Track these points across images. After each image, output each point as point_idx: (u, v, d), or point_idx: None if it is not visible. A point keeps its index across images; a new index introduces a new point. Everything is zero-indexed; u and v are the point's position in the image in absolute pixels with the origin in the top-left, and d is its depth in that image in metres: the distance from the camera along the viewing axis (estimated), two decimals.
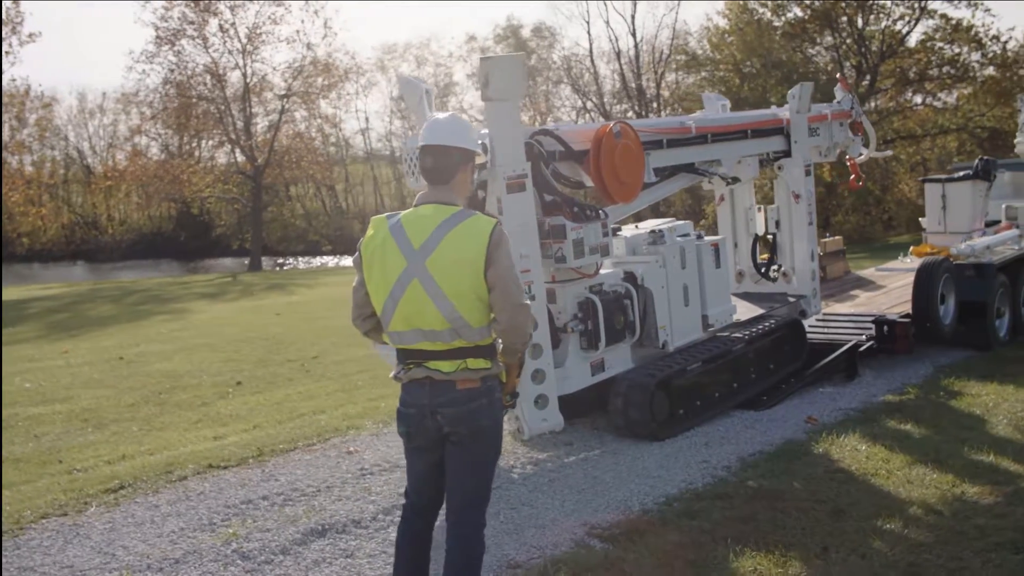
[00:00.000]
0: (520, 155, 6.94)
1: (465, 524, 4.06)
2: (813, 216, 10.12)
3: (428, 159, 4.01)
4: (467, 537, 4.05)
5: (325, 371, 12.33)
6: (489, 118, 6.87)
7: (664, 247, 8.20)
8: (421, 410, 3.97)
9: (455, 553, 4.02)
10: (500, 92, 6.74)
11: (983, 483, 6.07)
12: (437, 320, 3.85)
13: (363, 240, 4.05)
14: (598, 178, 7.59)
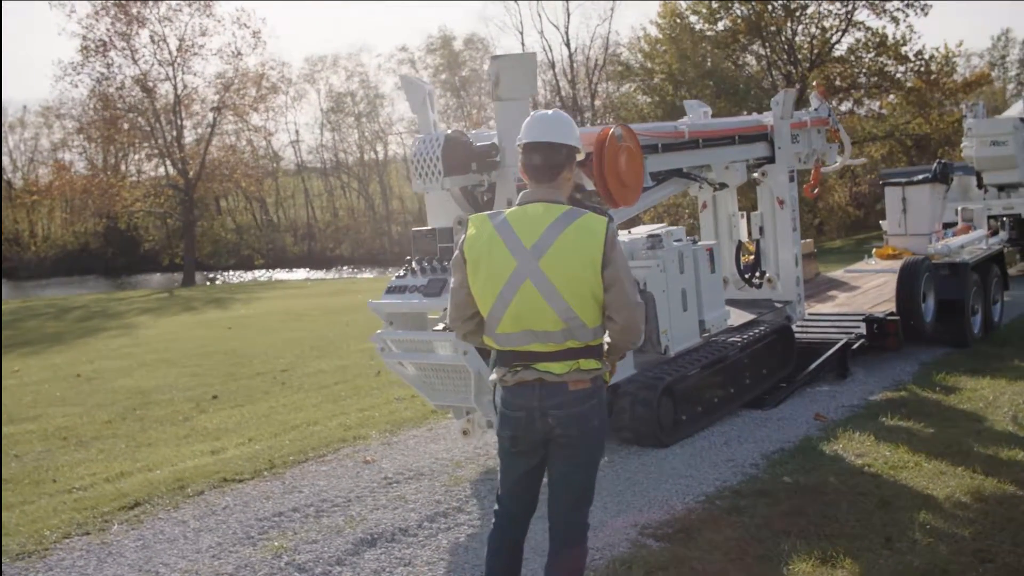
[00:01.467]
0: None
1: (574, 526, 4.00)
2: (797, 222, 10.24)
3: (536, 156, 3.93)
4: (576, 540, 3.99)
5: (301, 383, 12.13)
6: (499, 118, 6.75)
7: (663, 251, 8.15)
8: (530, 413, 3.87)
9: (562, 557, 3.96)
10: (510, 91, 6.62)
11: (1013, 472, 6.19)
12: (552, 321, 3.78)
13: (464, 240, 3.95)
14: (601, 181, 7.47)
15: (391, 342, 6.69)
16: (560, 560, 3.96)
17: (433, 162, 6.53)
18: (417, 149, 6.70)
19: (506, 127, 6.61)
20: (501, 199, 6.76)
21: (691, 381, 7.85)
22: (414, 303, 6.51)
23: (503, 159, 6.66)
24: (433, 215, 7.21)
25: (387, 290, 6.73)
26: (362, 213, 58.84)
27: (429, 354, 6.54)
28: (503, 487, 4.14)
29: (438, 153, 6.49)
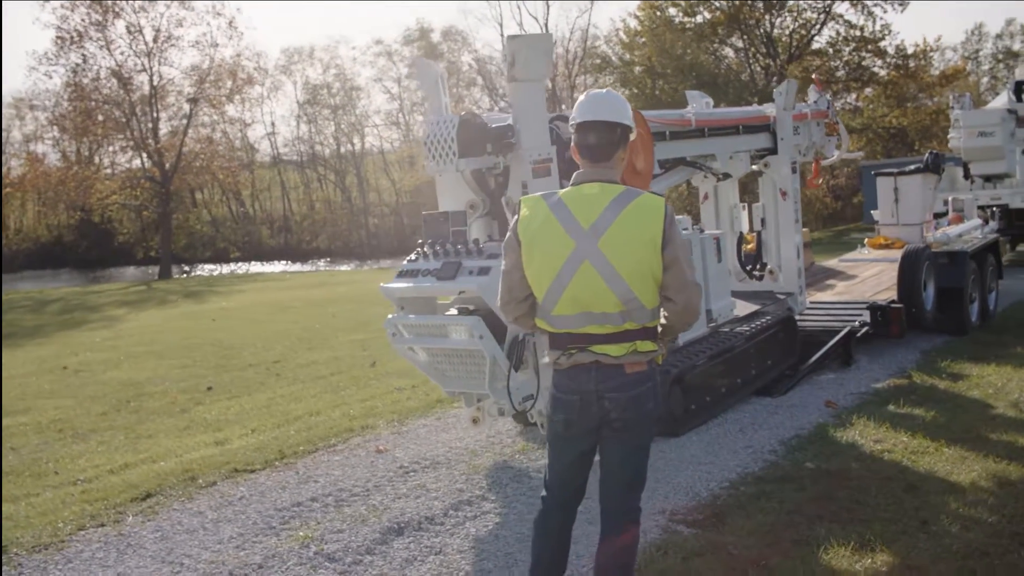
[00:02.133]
0: (545, 138, 6.68)
1: (627, 510, 3.95)
2: (799, 213, 10.20)
3: (591, 136, 3.86)
4: (629, 524, 3.94)
5: (296, 374, 12.01)
6: (514, 99, 6.60)
7: None
8: (586, 396, 3.81)
9: (615, 541, 3.90)
10: (527, 72, 6.45)
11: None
12: (610, 302, 3.71)
13: (517, 221, 3.88)
14: None
15: (402, 327, 6.54)
16: (613, 544, 3.91)
17: (448, 144, 6.40)
18: (431, 131, 6.56)
19: (522, 108, 6.50)
20: (516, 182, 6.62)
21: (700, 371, 7.77)
22: (427, 287, 6.35)
23: (519, 141, 6.52)
24: (444, 198, 7.08)
25: (399, 274, 6.56)
26: (339, 205, 58.53)
27: (443, 339, 6.39)
28: (553, 472, 4.07)
29: (453, 135, 6.36)
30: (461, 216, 6.77)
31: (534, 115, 6.56)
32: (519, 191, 6.52)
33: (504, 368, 5.95)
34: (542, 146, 6.57)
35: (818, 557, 4.79)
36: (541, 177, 6.52)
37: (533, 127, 6.53)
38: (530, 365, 6.15)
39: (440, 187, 7.11)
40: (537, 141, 6.53)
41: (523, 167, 6.48)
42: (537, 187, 6.36)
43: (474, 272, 6.05)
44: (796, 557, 4.79)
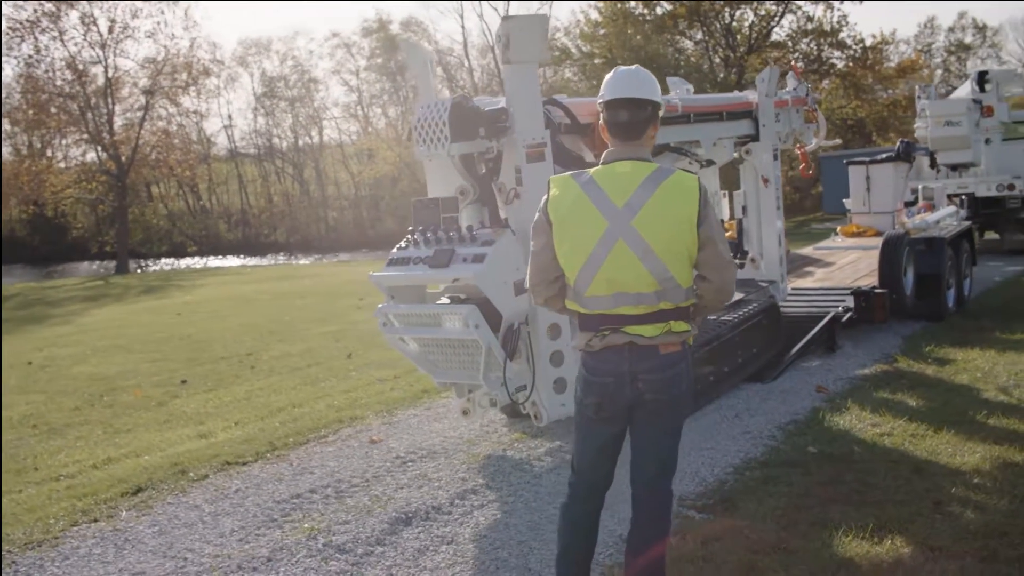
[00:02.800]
0: (539, 122, 6.49)
1: (662, 493, 3.88)
2: (780, 201, 10.19)
3: (623, 113, 3.77)
4: (663, 506, 3.88)
5: (271, 367, 11.84)
6: (508, 82, 6.39)
7: None
8: (619, 378, 3.73)
9: (650, 526, 3.83)
10: (520, 54, 6.24)
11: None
12: (646, 282, 3.64)
13: (547, 201, 3.79)
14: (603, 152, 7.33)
15: (393, 316, 6.35)
16: (646, 530, 3.84)
17: (439, 127, 6.23)
18: (422, 114, 6.39)
19: (515, 91, 6.31)
20: (508, 167, 6.43)
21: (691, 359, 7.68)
22: (420, 275, 6.20)
23: (512, 124, 6.33)
24: (434, 184, 6.92)
25: (389, 262, 6.40)
26: (297, 199, 57.98)
27: (435, 329, 6.21)
28: (581, 457, 3.99)
29: (445, 118, 6.19)
30: (452, 202, 6.60)
31: (528, 98, 6.38)
32: (512, 176, 6.38)
33: (499, 358, 5.84)
34: (536, 130, 6.38)
35: (837, 540, 4.76)
36: (535, 162, 6.34)
37: (527, 110, 6.34)
38: (522, 355, 6.07)
39: (429, 173, 6.97)
40: (531, 125, 6.35)
41: (517, 151, 6.31)
42: (531, 172, 6.25)
43: (468, 260, 5.90)
44: (815, 540, 4.76)
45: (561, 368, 6.27)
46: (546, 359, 6.18)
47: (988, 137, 18.03)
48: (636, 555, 3.85)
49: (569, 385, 6.30)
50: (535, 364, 6.15)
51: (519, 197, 6.21)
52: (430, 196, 6.82)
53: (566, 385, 6.28)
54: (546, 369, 6.20)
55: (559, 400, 6.25)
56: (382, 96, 57.22)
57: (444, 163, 6.66)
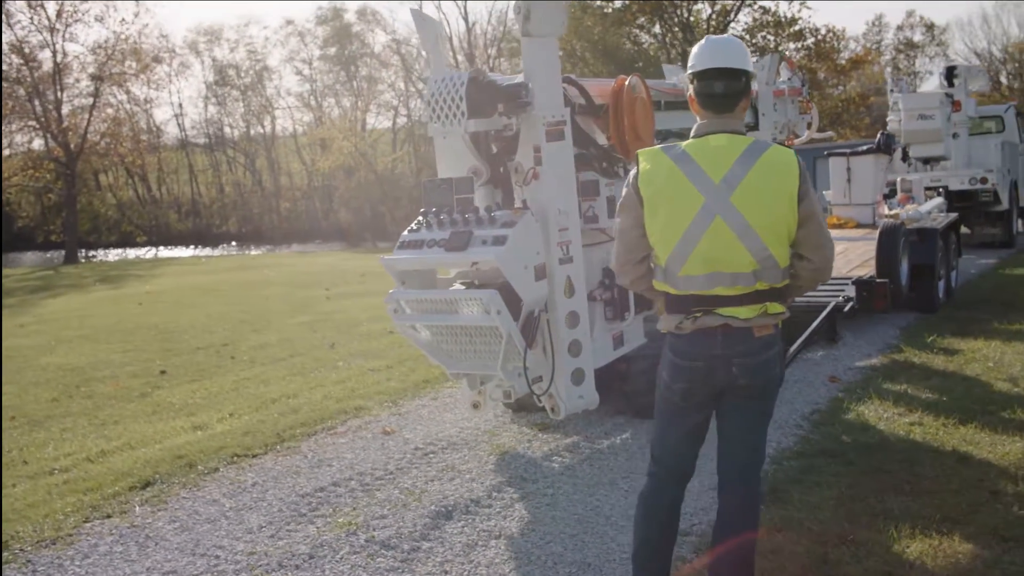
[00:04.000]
0: (559, 99, 6.15)
1: (753, 483, 3.72)
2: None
3: (719, 84, 3.56)
4: (754, 496, 3.71)
5: (252, 357, 11.51)
6: (528, 56, 5.95)
7: None
8: (711, 362, 3.55)
9: (740, 517, 3.66)
10: (541, 27, 5.82)
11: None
12: (744, 261, 3.45)
13: (636, 176, 3.57)
14: (618, 135, 7.04)
15: (405, 303, 5.99)
16: (736, 521, 3.67)
17: (455, 103, 5.88)
18: (435, 89, 6.01)
19: (536, 66, 5.95)
20: (526, 145, 6.05)
21: None
22: (436, 258, 5.85)
23: (532, 101, 5.94)
24: (445, 164, 6.60)
25: (399, 245, 6.04)
26: (249, 189, 57.07)
27: (452, 316, 5.86)
28: (663, 445, 3.81)
29: (462, 93, 5.84)
30: (467, 182, 6.26)
31: (549, 73, 6.03)
32: (530, 156, 6.03)
33: (519, 347, 5.58)
34: (556, 107, 6.03)
35: (904, 531, 4.62)
36: (555, 140, 6.00)
37: (548, 86, 5.99)
38: (539, 345, 5.83)
39: (440, 152, 6.63)
40: (552, 102, 6.00)
41: (536, 129, 5.95)
42: (551, 151, 5.93)
43: (488, 242, 5.58)
44: (882, 532, 4.62)
45: (580, 358, 6.02)
46: (564, 349, 5.93)
47: (956, 132, 18.17)
48: (725, 547, 3.68)
49: (587, 376, 6.09)
50: (554, 354, 5.92)
51: (538, 178, 5.92)
52: (440, 176, 6.52)
53: (584, 376, 6.04)
54: (564, 359, 5.95)
55: (577, 392, 6.01)
56: (336, 86, 56.51)
57: (456, 142, 6.37)
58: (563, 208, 5.95)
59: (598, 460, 6.09)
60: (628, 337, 6.91)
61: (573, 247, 5.99)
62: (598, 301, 6.55)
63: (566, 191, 6.05)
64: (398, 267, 6.05)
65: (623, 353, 6.86)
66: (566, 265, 5.92)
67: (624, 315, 6.66)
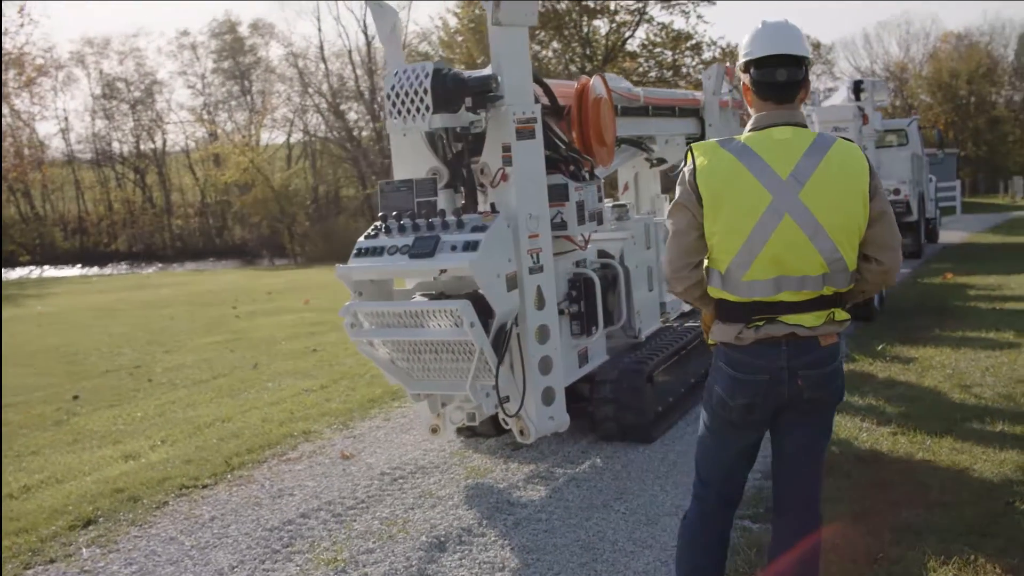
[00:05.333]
0: (530, 94, 5.66)
1: (813, 504, 3.41)
2: None
3: (781, 71, 3.25)
4: (816, 522, 3.40)
5: (170, 379, 10.89)
6: (498, 46, 5.53)
7: (631, 223, 7.52)
8: (776, 375, 3.23)
9: (801, 540, 3.35)
10: (512, 15, 5.46)
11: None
12: (814, 263, 3.15)
13: (692, 172, 3.23)
14: (582, 138, 6.53)
15: (364, 315, 5.47)
16: (798, 544, 3.35)
17: (419, 97, 5.39)
18: (396, 82, 5.50)
19: (506, 57, 5.52)
20: (494, 144, 5.55)
21: (664, 369, 7.12)
22: (399, 266, 5.31)
23: (502, 94, 5.52)
24: (402, 165, 6.01)
25: (356, 253, 5.47)
26: (139, 206, 55.05)
27: (417, 330, 5.35)
28: (713, 466, 3.48)
29: (426, 85, 5.34)
30: (429, 185, 5.80)
31: (519, 66, 5.63)
32: (498, 155, 5.57)
33: (491, 363, 5.17)
34: (527, 103, 5.61)
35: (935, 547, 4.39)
36: (526, 139, 5.59)
37: (518, 80, 5.57)
38: (505, 361, 5.43)
39: (397, 151, 6.04)
40: (522, 97, 5.59)
41: (506, 126, 5.49)
42: (521, 151, 5.52)
43: (458, 247, 5.13)
44: (913, 548, 4.38)
45: (550, 376, 5.62)
46: (535, 366, 5.53)
47: (864, 144, 18.50)
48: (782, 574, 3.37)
49: (557, 395, 5.69)
50: (524, 371, 5.51)
51: (506, 179, 5.51)
52: (397, 178, 5.98)
53: (554, 396, 5.65)
54: (535, 377, 5.54)
55: (547, 412, 5.60)
56: (230, 100, 55.02)
57: (416, 140, 5.88)
58: (534, 213, 5.57)
59: (584, 483, 5.74)
60: (592, 354, 6.56)
61: (544, 255, 5.62)
62: (564, 315, 6.16)
63: (537, 194, 5.67)
64: (354, 276, 5.51)
65: (588, 371, 6.50)
66: (536, 275, 5.55)
67: (592, 330, 6.26)
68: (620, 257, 7.07)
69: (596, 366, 6.58)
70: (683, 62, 40.95)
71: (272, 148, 52.83)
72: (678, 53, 40.70)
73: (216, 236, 53.82)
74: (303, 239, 46.03)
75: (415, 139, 5.84)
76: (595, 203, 6.34)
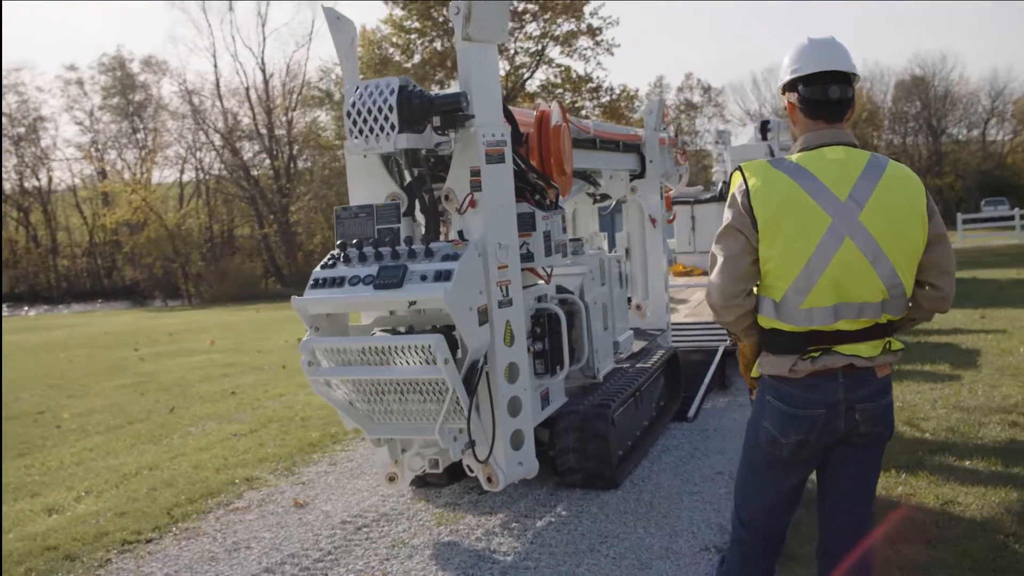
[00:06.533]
0: (499, 115, 5.34)
1: (868, 544, 3.22)
2: (667, 244, 9.70)
3: (834, 89, 3.11)
4: (869, 565, 3.21)
5: (81, 426, 10.27)
6: (467, 64, 5.17)
7: (586, 258, 7.21)
8: (833, 409, 3.04)
9: None
10: (483, 31, 5.13)
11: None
12: (875, 289, 2.99)
13: (745, 194, 3.04)
14: (543, 166, 6.16)
15: (322, 353, 4.96)
16: None
17: (383, 114, 4.95)
18: (358, 98, 5.06)
19: (475, 75, 5.17)
20: (461, 168, 5.15)
21: (623, 410, 6.77)
22: (363, 298, 4.84)
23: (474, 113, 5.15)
24: (359, 189, 5.57)
25: (313, 284, 5.00)
26: (23, 246, 52.81)
27: (381, 368, 4.89)
28: (756, 508, 3.28)
29: (392, 102, 4.92)
30: (391, 211, 5.33)
31: (489, 85, 5.26)
32: (465, 180, 5.13)
33: (464, 404, 4.74)
34: (497, 124, 5.27)
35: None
36: (495, 163, 5.20)
37: (488, 100, 5.23)
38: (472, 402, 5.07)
39: (354, 175, 5.60)
40: (493, 117, 5.26)
41: (475, 149, 5.11)
42: (491, 175, 5.13)
43: (428, 277, 4.72)
44: None
45: (519, 418, 5.23)
46: (504, 407, 5.13)
47: None
48: None
49: (526, 439, 5.29)
50: (494, 413, 5.09)
51: (475, 206, 5.10)
52: (354, 204, 5.51)
53: (523, 439, 5.26)
54: (504, 419, 5.14)
55: (516, 458, 5.21)
56: (120, 138, 53.42)
57: (373, 163, 5.47)
58: (503, 242, 5.18)
59: (563, 527, 5.44)
60: (553, 396, 6.21)
61: (513, 288, 5.23)
62: (528, 352, 5.67)
63: (507, 223, 5.30)
64: (311, 309, 5.03)
65: (549, 414, 6.13)
66: (506, 308, 5.14)
67: (556, 369, 5.92)
68: (579, 292, 6.80)
69: (556, 409, 6.24)
70: (583, 104, 41.49)
71: (165, 187, 51.49)
72: (577, 95, 41.22)
73: (105, 277, 52.03)
74: (197, 279, 44.87)
75: (373, 162, 5.44)
76: (560, 234, 6.04)
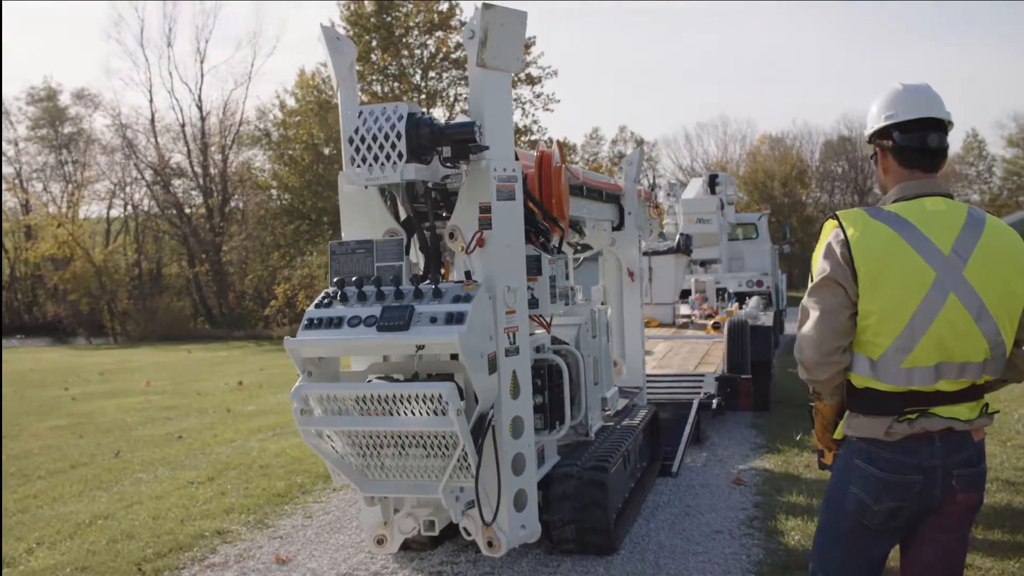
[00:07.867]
0: (511, 149, 5.01)
1: None
2: (644, 298, 9.54)
3: (934, 137, 2.99)
4: None
5: (20, 470, 9.76)
6: (480, 91, 4.85)
7: (579, 308, 6.76)
8: (930, 475, 2.89)
9: None
10: (500, 58, 4.81)
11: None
12: (979, 348, 2.85)
13: (845, 244, 2.89)
14: (545, 203, 5.82)
15: (317, 400, 4.53)
16: None
17: (390, 142, 4.65)
18: (362, 124, 4.75)
19: (490, 104, 4.85)
20: (469, 204, 4.84)
21: (615, 471, 6.31)
22: (366, 340, 4.46)
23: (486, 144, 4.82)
24: (354, 224, 5.24)
25: (307, 324, 4.59)
26: None
27: (383, 419, 4.44)
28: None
29: (399, 129, 4.62)
30: (393, 247, 4.96)
31: (503, 116, 4.94)
32: (474, 217, 4.82)
33: (472, 459, 4.38)
34: (508, 158, 4.94)
35: None
36: (506, 200, 4.89)
37: (501, 132, 4.89)
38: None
39: (348, 209, 5.25)
40: (505, 151, 4.92)
41: (485, 184, 4.80)
42: (501, 213, 4.81)
43: (439, 320, 4.38)
44: None
45: (523, 477, 4.86)
46: (508, 464, 4.77)
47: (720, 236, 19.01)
48: None
49: (529, 499, 4.93)
50: (500, 471, 4.72)
51: (483, 245, 4.78)
52: (348, 239, 5.15)
53: (526, 500, 4.90)
54: (508, 478, 4.76)
55: (519, 520, 4.84)
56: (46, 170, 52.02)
57: (371, 197, 5.11)
58: (512, 285, 4.84)
59: None
60: (547, 454, 5.83)
61: (520, 335, 4.88)
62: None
63: (516, 265, 4.98)
64: (305, 352, 4.59)
65: (544, 473, 5.69)
66: (513, 357, 4.79)
67: (556, 425, 5.58)
68: (576, 343, 6.40)
69: (549, 469, 5.82)
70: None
71: (91, 221, 50.18)
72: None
73: (25, 312, 50.29)
74: (124, 317, 43.66)
75: (370, 194, 5.08)
76: (563, 280, 5.84)
